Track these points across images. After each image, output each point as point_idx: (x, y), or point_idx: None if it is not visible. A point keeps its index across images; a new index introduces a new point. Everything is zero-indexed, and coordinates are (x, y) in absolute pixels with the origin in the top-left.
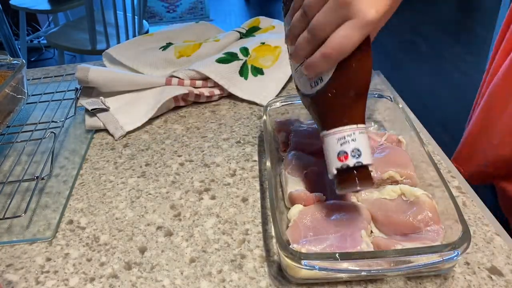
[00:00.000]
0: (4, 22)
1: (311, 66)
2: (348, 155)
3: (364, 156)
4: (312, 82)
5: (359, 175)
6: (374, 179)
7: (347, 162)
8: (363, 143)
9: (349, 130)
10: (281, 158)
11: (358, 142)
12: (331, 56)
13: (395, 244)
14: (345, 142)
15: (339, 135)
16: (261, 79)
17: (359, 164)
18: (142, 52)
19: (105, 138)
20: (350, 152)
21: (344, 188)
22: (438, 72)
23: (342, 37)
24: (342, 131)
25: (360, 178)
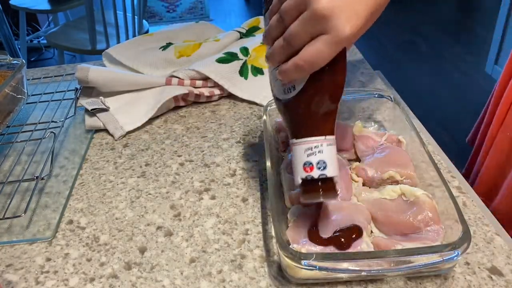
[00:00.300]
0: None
1: (284, 73)
2: (314, 167)
3: (329, 168)
4: (285, 88)
5: (323, 187)
6: (374, 179)
7: (311, 174)
8: (329, 155)
9: (316, 142)
10: (281, 158)
11: (324, 154)
12: (303, 68)
13: (395, 244)
14: (312, 154)
15: (306, 145)
16: (261, 79)
17: (323, 176)
18: (142, 52)
19: (105, 138)
20: (315, 163)
21: (308, 198)
22: (438, 72)
23: (314, 51)
24: (309, 141)
25: (324, 189)
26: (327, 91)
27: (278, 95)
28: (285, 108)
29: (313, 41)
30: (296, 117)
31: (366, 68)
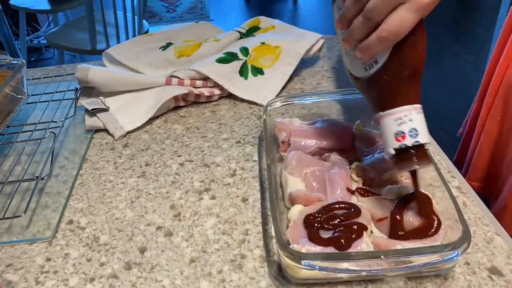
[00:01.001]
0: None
1: (366, 49)
2: (406, 135)
3: (422, 135)
4: (366, 65)
5: (417, 154)
6: (374, 179)
7: (404, 142)
8: (420, 122)
9: (406, 111)
10: (281, 158)
11: (415, 122)
12: (387, 39)
13: (395, 244)
14: (403, 122)
15: (396, 115)
16: (261, 79)
17: (417, 144)
18: (142, 52)
19: (105, 138)
20: (407, 132)
21: (403, 167)
22: (438, 72)
23: (398, 20)
24: (399, 111)
25: (418, 157)
26: (411, 60)
27: (358, 74)
28: (369, 84)
29: (394, 11)
30: (381, 90)
31: None
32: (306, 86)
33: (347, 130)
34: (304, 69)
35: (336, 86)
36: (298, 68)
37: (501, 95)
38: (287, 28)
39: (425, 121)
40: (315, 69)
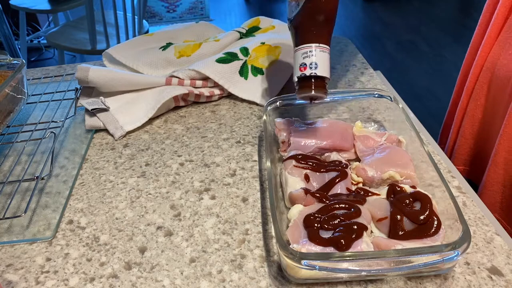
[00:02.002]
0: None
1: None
2: (307, 67)
3: (320, 68)
4: (293, 8)
5: (314, 84)
6: (374, 179)
7: (304, 72)
8: (321, 58)
9: (310, 47)
10: (281, 158)
11: (316, 57)
12: None
13: (395, 244)
14: (306, 56)
15: (303, 50)
16: (261, 79)
17: (314, 74)
18: (142, 52)
19: (105, 138)
20: (308, 64)
21: (301, 92)
22: (438, 72)
23: None
24: (306, 47)
25: (315, 86)
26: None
27: (289, 16)
28: (291, 24)
29: None
30: (298, 29)
31: (366, 68)
32: None
33: (347, 130)
34: None
35: (336, 86)
36: None
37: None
38: (287, 28)
39: (328, 60)
40: None
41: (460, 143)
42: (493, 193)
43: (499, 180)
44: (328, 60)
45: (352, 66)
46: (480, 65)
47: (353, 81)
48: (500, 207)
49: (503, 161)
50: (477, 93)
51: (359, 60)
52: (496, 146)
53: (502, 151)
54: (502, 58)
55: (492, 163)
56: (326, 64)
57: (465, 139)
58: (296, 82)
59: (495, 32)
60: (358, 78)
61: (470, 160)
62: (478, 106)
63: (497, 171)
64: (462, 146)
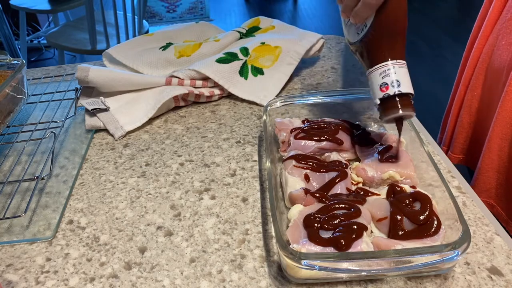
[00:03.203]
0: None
1: (355, 14)
2: (389, 86)
3: (403, 85)
4: (358, 30)
5: (400, 102)
6: (374, 179)
7: (387, 92)
8: (402, 75)
9: (389, 65)
10: (281, 158)
11: (397, 75)
12: (370, 3)
13: (395, 244)
14: (386, 75)
15: (380, 70)
16: (261, 79)
17: (399, 92)
18: (142, 52)
19: (105, 138)
20: (390, 83)
21: (387, 114)
22: (438, 72)
23: None
24: (382, 66)
25: (402, 105)
26: (392, 19)
27: (353, 39)
28: (360, 46)
29: None
30: (369, 49)
31: None
32: (306, 86)
33: (347, 130)
34: (304, 69)
35: (336, 86)
36: (298, 68)
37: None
38: (287, 28)
39: (408, 75)
40: (315, 69)
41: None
42: (488, 179)
43: (493, 166)
44: (408, 75)
45: (352, 66)
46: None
47: (353, 81)
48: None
49: (496, 147)
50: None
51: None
52: (490, 133)
53: (496, 137)
54: (496, 48)
55: (486, 149)
56: (407, 80)
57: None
58: (378, 105)
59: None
60: (358, 78)
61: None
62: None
63: (491, 157)
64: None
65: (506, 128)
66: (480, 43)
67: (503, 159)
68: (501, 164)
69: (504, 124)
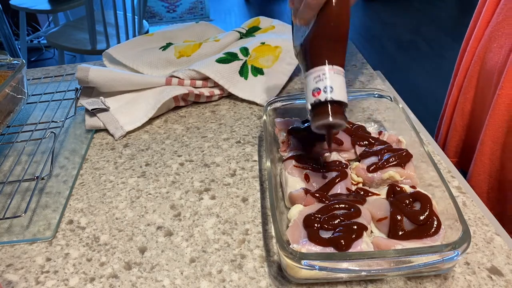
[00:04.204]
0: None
1: (299, 16)
2: (321, 91)
3: (336, 92)
4: (303, 33)
5: (331, 109)
6: (374, 179)
7: (319, 97)
8: (336, 81)
9: (324, 70)
10: (281, 158)
11: (331, 80)
12: (310, 4)
13: (395, 244)
14: (319, 80)
15: (315, 74)
16: (261, 79)
17: (330, 99)
18: (142, 52)
19: (105, 138)
20: (322, 88)
21: (317, 121)
22: (438, 72)
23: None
24: (318, 70)
25: (332, 111)
26: (334, 23)
27: (297, 42)
28: (302, 49)
29: None
30: (308, 52)
31: (366, 68)
32: None
33: (347, 130)
34: None
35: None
36: (298, 68)
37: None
38: (287, 28)
39: (344, 84)
40: None
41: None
42: (480, 183)
43: (485, 169)
44: (344, 83)
45: (352, 66)
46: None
47: (353, 81)
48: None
49: (489, 150)
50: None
51: (359, 60)
52: (482, 136)
53: (488, 140)
54: (488, 51)
55: (478, 152)
56: (342, 88)
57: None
58: (310, 110)
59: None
60: (358, 78)
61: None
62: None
63: (483, 160)
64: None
65: (498, 132)
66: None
67: (495, 162)
68: (493, 168)
69: (496, 128)
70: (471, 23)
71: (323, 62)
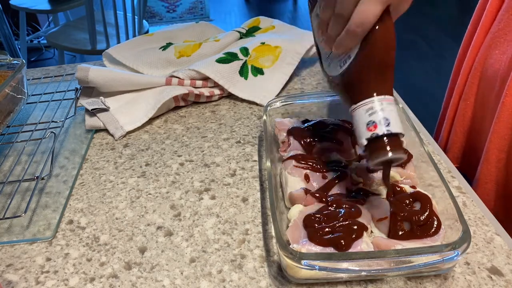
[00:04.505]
0: (4, 22)
1: (339, 43)
2: (377, 124)
3: (393, 124)
4: (341, 61)
5: (390, 143)
6: (374, 179)
7: (376, 131)
8: (391, 112)
9: (377, 101)
10: (281, 158)
11: (386, 112)
12: (354, 31)
13: (395, 244)
14: (374, 113)
15: (367, 106)
16: (261, 79)
17: (388, 132)
18: (142, 52)
19: (105, 138)
20: (378, 121)
21: (376, 157)
22: (438, 72)
23: (362, 12)
24: (369, 102)
25: (391, 145)
26: (379, 50)
27: (334, 73)
28: (343, 79)
29: (359, 4)
30: (354, 83)
31: None
32: (306, 86)
33: (346, 130)
34: (304, 69)
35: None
36: (298, 68)
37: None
38: (287, 28)
39: (397, 113)
40: (315, 69)
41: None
42: (487, 191)
43: (492, 178)
44: (397, 113)
45: None
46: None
47: None
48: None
49: (495, 158)
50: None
51: None
52: (487, 144)
53: (494, 149)
54: (489, 57)
55: (484, 160)
56: (397, 119)
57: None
58: (365, 147)
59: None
60: None
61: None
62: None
63: (490, 168)
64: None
65: (504, 140)
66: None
67: (501, 170)
68: (499, 176)
69: (501, 136)
70: (469, 26)
71: (375, 93)
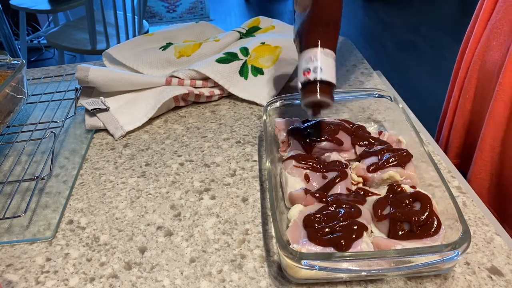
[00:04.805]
0: (4, 22)
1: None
2: (311, 71)
3: (325, 73)
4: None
5: (320, 88)
6: (374, 179)
7: (308, 76)
8: (325, 63)
9: (316, 51)
10: (281, 158)
11: (321, 62)
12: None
13: (395, 244)
14: (310, 61)
15: (307, 55)
16: (261, 79)
17: (319, 79)
18: (142, 52)
19: (105, 138)
20: (312, 68)
21: (305, 98)
22: (438, 72)
23: None
24: (309, 52)
25: (320, 90)
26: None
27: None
28: (298, 34)
29: None
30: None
31: (366, 68)
32: None
33: (347, 130)
34: None
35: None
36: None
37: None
38: (287, 28)
39: (333, 66)
40: None
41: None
42: (481, 180)
43: (486, 167)
44: (333, 65)
45: (352, 66)
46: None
47: (353, 81)
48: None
49: (489, 148)
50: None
51: (359, 60)
52: (482, 134)
53: (488, 137)
54: (488, 49)
55: (479, 150)
56: (331, 69)
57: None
58: (300, 89)
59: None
60: (358, 78)
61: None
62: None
63: (484, 158)
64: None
65: (498, 129)
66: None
67: (495, 160)
68: (493, 165)
69: (495, 124)
70: (471, 22)
71: (315, 45)
